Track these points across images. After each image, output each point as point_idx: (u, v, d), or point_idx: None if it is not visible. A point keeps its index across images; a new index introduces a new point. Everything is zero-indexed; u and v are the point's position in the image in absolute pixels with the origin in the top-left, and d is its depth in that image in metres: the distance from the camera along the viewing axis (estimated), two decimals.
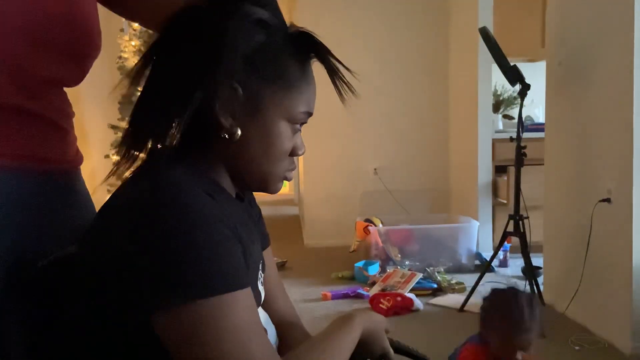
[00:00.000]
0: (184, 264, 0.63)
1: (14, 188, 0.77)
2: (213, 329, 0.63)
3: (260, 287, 0.86)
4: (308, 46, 0.78)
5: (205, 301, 0.63)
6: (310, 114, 0.80)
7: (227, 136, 0.74)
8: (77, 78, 0.87)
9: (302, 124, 0.80)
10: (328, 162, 4.53)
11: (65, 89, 0.88)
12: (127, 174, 0.75)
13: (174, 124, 0.72)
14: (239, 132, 0.74)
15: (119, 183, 0.75)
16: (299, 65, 0.77)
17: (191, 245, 0.63)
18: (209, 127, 0.74)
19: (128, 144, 0.74)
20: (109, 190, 3.66)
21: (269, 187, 0.81)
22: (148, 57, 0.74)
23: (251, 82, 0.73)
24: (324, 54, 0.78)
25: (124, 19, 4.30)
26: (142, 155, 0.75)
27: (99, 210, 0.73)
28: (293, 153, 0.80)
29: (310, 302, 3.15)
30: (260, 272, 0.87)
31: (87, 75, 0.88)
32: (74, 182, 0.90)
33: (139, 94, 0.75)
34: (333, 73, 0.78)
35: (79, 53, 0.84)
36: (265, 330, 0.83)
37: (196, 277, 0.63)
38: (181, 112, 0.70)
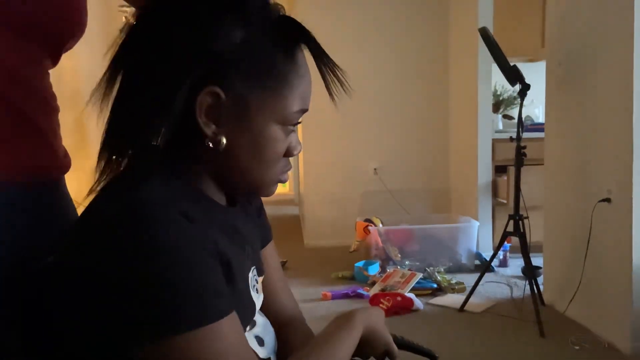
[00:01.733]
0: (156, 300, 0.58)
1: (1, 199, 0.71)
2: None
3: (255, 296, 0.79)
4: (293, 31, 0.70)
5: (182, 336, 0.58)
6: (305, 111, 0.72)
7: (211, 145, 0.68)
8: (56, 60, 0.81)
9: (296, 123, 0.72)
10: (328, 162, 4.53)
11: (61, 87, 0.84)
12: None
13: (154, 133, 0.66)
14: (224, 140, 0.67)
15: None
16: (287, 55, 0.69)
17: (164, 280, 0.58)
18: (192, 136, 0.68)
19: (109, 151, 0.68)
20: None
21: (261, 192, 0.76)
22: (117, 62, 0.68)
23: (235, 85, 0.66)
24: (310, 40, 0.70)
25: (124, 19, 4.29)
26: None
27: (75, 223, 0.67)
28: (287, 154, 0.74)
29: (310, 302, 3.15)
30: (255, 278, 0.81)
31: (87, 75, 0.86)
32: (60, 188, 0.84)
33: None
34: (320, 60, 0.70)
35: (64, 33, 0.78)
36: (262, 340, 0.80)
37: (171, 313, 0.58)
38: (160, 121, 0.64)
